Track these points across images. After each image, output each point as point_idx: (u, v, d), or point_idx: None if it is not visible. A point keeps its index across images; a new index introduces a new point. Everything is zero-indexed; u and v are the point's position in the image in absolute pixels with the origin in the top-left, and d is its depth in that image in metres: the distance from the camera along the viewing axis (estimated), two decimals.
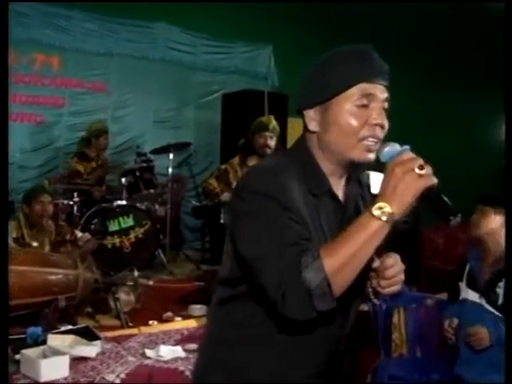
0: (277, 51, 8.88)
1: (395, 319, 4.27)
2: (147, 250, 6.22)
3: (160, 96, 8.19)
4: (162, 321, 4.23)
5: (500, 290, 3.03)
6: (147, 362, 3.23)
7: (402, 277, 1.56)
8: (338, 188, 1.59)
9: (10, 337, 2.99)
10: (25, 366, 2.95)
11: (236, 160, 5.82)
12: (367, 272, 1.52)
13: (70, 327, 3.61)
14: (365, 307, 4.29)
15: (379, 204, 1.34)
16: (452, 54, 9.83)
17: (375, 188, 5.04)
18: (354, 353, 4.23)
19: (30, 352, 3.03)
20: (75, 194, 6.06)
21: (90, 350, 3.21)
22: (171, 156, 6.82)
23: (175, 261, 6.95)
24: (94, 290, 4.19)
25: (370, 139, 1.48)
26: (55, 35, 7.29)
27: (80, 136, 6.85)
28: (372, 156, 1.49)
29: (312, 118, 1.54)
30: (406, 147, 1.43)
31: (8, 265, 1.93)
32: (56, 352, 3.04)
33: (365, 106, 1.49)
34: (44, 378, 2.86)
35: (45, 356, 3.01)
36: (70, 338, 3.30)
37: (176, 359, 3.27)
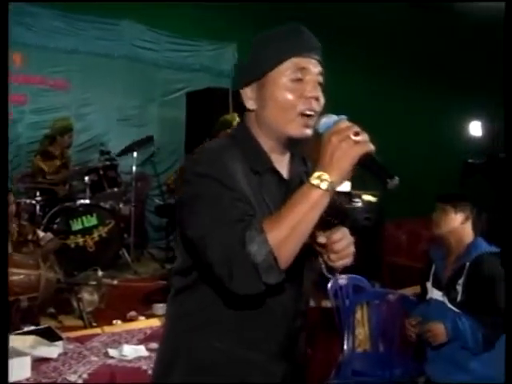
0: (241, 49, 8.87)
1: (358, 315, 4.32)
2: (111, 250, 6.18)
3: (124, 94, 8.12)
4: (125, 320, 4.21)
5: (459, 287, 3.07)
6: (110, 361, 3.21)
7: (352, 249, 1.60)
8: (282, 165, 1.61)
9: None
10: None
11: None
12: (315, 246, 1.55)
13: (32, 328, 3.57)
14: (328, 304, 4.34)
15: (318, 173, 1.36)
16: (415, 53, 9.95)
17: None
18: (317, 349, 4.26)
19: None
20: (38, 193, 5.99)
21: (52, 350, 3.18)
22: (135, 154, 6.78)
23: (139, 260, 6.93)
24: (57, 290, 4.15)
25: (307, 112, 1.50)
26: (18, 32, 7.16)
27: (43, 134, 6.77)
28: (309, 131, 1.52)
29: (249, 96, 1.57)
30: (343, 117, 1.44)
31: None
32: (18, 353, 3.00)
33: (299, 80, 1.52)
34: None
35: None
36: (31, 338, 3.26)
37: (139, 358, 3.25)
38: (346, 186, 5.61)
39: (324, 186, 1.35)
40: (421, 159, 9.78)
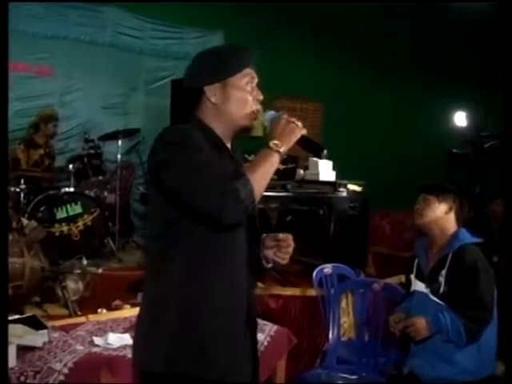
0: (227, 37, 8.83)
1: (343, 304, 4.35)
2: (96, 238, 6.16)
3: (109, 81, 8.05)
4: (110, 309, 4.19)
5: (441, 279, 3.07)
6: (95, 349, 3.19)
7: (291, 250, 2.11)
8: (228, 147, 2.07)
9: None
10: None
11: None
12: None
13: (17, 316, 3.55)
14: (313, 292, 4.36)
15: (274, 141, 1.93)
16: (399, 42, 9.96)
17: (323, 174, 5.10)
18: (302, 337, 4.28)
19: None
20: (22, 181, 5.94)
21: (37, 339, 3.17)
22: (120, 143, 6.75)
23: (124, 248, 6.91)
24: (42, 278, 4.12)
25: (256, 109, 2.03)
26: None
27: (27, 122, 6.71)
28: (254, 123, 2.05)
29: (213, 92, 2.01)
30: (283, 112, 2.03)
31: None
32: None
33: (251, 85, 2.04)
34: None
35: None
36: (16, 327, 3.24)
37: (124, 346, 3.24)
38: (331, 176, 5.63)
39: (278, 149, 1.92)
40: (405, 150, 9.80)
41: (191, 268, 1.90)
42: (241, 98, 2.01)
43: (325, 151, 2.05)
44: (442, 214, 3.18)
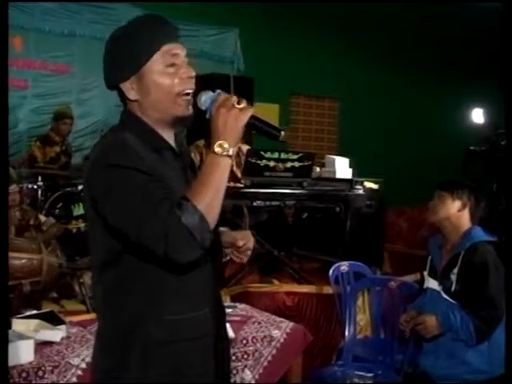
0: (243, 35, 8.83)
1: (360, 301, 4.34)
2: None
3: None
4: None
5: (453, 277, 3.05)
6: None
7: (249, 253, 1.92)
8: (171, 142, 1.79)
9: None
10: None
11: (202, 142, 5.80)
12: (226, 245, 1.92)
13: (34, 312, 3.58)
14: (329, 290, 4.36)
15: (218, 142, 1.56)
16: (417, 39, 9.92)
17: (340, 172, 5.10)
18: (318, 334, 4.28)
19: None
20: (39, 178, 5.98)
21: (55, 334, 3.19)
22: None
23: None
24: (59, 274, 4.15)
25: (186, 91, 1.71)
26: (15, 14, 7.10)
27: (44, 119, 6.76)
28: (190, 108, 1.72)
29: (129, 88, 1.73)
30: (219, 91, 1.67)
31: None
32: (20, 336, 3.01)
33: (174, 65, 1.71)
34: (9, 362, 2.83)
35: (9, 341, 2.98)
36: (34, 322, 3.26)
37: None
38: (347, 173, 5.62)
39: (225, 152, 1.55)
40: (423, 147, 9.76)
41: (150, 299, 1.69)
42: (158, 85, 1.69)
43: (282, 133, 1.65)
44: (455, 211, 3.15)
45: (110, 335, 1.75)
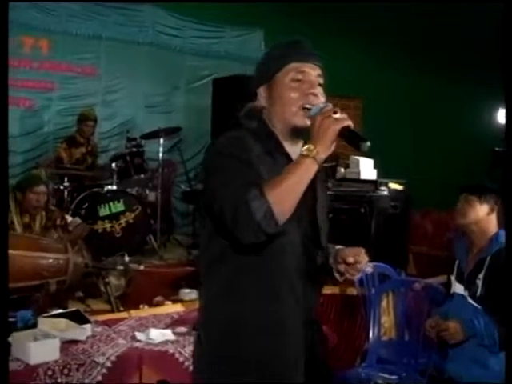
0: (268, 36, 8.84)
1: (384, 303, 4.31)
2: (138, 235, 6.24)
3: (150, 80, 8.14)
4: (152, 305, 4.25)
5: (479, 282, 3.01)
6: (137, 344, 3.24)
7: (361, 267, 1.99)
8: (294, 151, 1.88)
9: None
10: (16, 348, 2.96)
11: None
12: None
13: (60, 311, 3.62)
14: (353, 291, 4.34)
15: (307, 146, 1.70)
16: (442, 41, 9.84)
17: (364, 173, 5.08)
18: (342, 336, 4.27)
19: (21, 335, 3.04)
20: (66, 179, 6.05)
21: (81, 333, 3.23)
22: (161, 141, 6.81)
23: (166, 246, 6.96)
24: (85, 274, 4.20)
25: (306, 105, 1.84)
26: (41, 17, 7.19)
27: (70, 121, 6.84)
28: (308, 122, 1.81)
29: (262, 95, 1.94)
30: (327, 104, 1.80)
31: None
32: (47, 335, 3.05)
33: (299, 81, 1.88)
34: (35, 360, 2.87)
35: (36, 339, 3.02)
36: (60, 321, 3.31)
37: (166, 342, 3.28)
38: (372, 174, 5.59)
39: (312, 155, 1.68)
40: (448, 149, 9.68)
41: (229, 288, 1.85)
42: (283, 96, 1.87)
43: (367, 143, 1.71)
44: (483, 215, 3.10)
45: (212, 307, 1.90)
